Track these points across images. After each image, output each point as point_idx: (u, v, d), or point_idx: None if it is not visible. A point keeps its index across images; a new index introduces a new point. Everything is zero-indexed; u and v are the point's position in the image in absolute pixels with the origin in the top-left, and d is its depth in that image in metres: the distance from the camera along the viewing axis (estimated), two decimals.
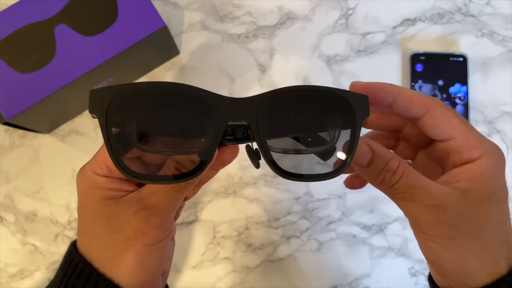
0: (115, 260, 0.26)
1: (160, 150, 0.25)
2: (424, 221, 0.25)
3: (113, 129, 0.22)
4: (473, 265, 0.25)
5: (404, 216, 0.27)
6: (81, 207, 0.27)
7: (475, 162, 0.25)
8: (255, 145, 0.24)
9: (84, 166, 0.27)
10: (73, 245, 0.27)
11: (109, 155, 0.22)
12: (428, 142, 0.30)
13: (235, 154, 0.27)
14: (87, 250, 0.27)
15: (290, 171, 0.23)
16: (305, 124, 0.26)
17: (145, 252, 0.26)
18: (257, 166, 0.25)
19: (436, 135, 0.27)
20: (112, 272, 0.26)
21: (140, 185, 0.27)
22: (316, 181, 0.24)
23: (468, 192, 0.25)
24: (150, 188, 0.26)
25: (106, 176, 0.26)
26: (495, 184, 0.25)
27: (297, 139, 0.26)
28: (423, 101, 0.26)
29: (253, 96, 0.23)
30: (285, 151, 0.25)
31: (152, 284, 0.28)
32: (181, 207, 0.33)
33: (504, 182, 0.26)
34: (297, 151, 0.26)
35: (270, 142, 0.24)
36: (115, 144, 0.22)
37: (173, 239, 0.31)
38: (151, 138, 0.25)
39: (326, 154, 0.26)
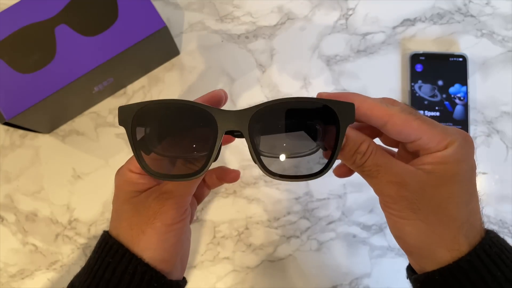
0: (137, 237, 0.30)
1: (172, 154, 0.31)
2: (388, 195, 0.28)
3: (137, 137, 0.28)
4: (432, 240, 0.27)
5: None
6: (115, 197, 0.33)
7: (443, 150, 0.28)
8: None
9: (122, 166, 0.33)
10: (106, 232, 0.32)
11: (135, 156, 0.28)
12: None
13: (237, 178, 0.37)
14: (116, 232, 0.31)
15: (277, 172, 0.27)
16: (294, 131, 0.30)
17: (164, 230, 0.30)
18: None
19: (402, 139, 0.29)
20: (135, 248, 0.30)
21: None
22: (298, 180, 0.29)
23: (431, 173, 0.27)
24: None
25: (139, 173, 0.31)
26: (459, 166, 0.27)
27: (288, 144, 0.30)
28: (382, 111, 0.28)
29: (246, 108, 0.27)
30: (276, 156, 0.29)
31: (170, 264, 0.32)
32: (206, 194, 0.39)
33: (471, 166, 0.28)
34: (288, 156, 0.30)
35: (263, 147, 0.29)
36: (139, 149, 0.28)
37: (188, 239, 0.36)
38: (166, 144, 0.31)
39: (313, 157, 0.30)
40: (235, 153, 0.54)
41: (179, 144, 0.31)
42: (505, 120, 0.54)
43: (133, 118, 0.27)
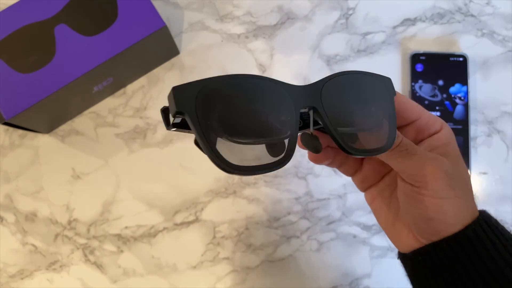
0: None
1: (245, 141, 0.26)
2: (427, 173, 0.27)
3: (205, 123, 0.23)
4: (465, 214, 0.28)
5: None
6: None
7: (441, 132, 0.29)
8: (322, 120, 0.26)
9: None
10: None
11: (207, 151, 0.22)
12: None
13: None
14: None
15: (356, 147, 0.26)
16: (359, 106, 0.29)
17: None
18: (317, 150, 0.27)
19: (407, 118, 0.30)
20: None
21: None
22: (378, 154, 0.27)
23: (446, 154, 0.28)
24: None
25: None
26: (456, 145, 0.30)
27: (355, 119, 0.29)
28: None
29: (315, 81, 0.27)
30: (347, 130, 0.28)
31: None
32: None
33: None
34: (357, 129, 0.29)
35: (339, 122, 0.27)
36: (209, 137, 0.22)
37: None
38: (235, 129, 0.25)
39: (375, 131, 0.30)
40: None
41: (252, 128, 0.26)
42: (506, 120, 0.54)
43: (196, 99, 0.22)
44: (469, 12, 0.56)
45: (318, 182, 0.53)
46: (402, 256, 0.32)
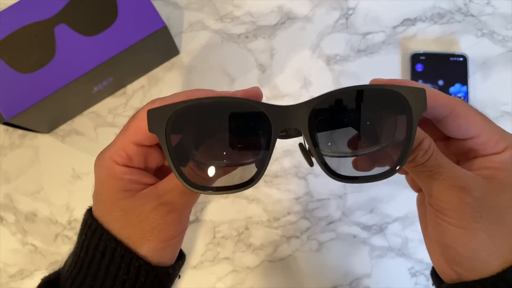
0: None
1: (215, 162, 0.26)
2: (447, 201, 0.25)
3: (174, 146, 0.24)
4: (490, 251, 0.25)
5: (404, 216, 0.27)
6: (97, 195, 0.27)
7: (501, 154, 0.25)
8: (307, 145, 0.25)
9: (102, 153, 0.27)
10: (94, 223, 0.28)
11: (173, 171, 0.23)
12: (444, 137, 0.29)
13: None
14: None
15: (343, 174, 0.24)
16: (358, 125, 0.26)
17: (160, 247, 0.26)
18: (310, 164, 0.26)
19: (459, 134, 0.26)
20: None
21: (160, 178, 0.28)
22: (371, 181, 0.24)
23: (491, 179, 0.25)
24: (167, 184, 0.26)
25: (125, 166, 0.26)
26: None
27: (351, 140, 0.27)
28: (446, 100, 0.25)
29: (303, 102, 0.24)
30: (339, 155, 0.26)
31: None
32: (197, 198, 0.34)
33: None
34: (352, 154, 0.26)
35: (323, 146, 0.25)
36: (176, 159, 0.23)
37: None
38: (207, 151, 0.26)
39: (382, 154, 0.26)
40: None
41: (223, 150, 0.26)
42: (506, 120, 0.54)
43: (167, 122, 0.23)
44: (469, 12, 0.56)
45: (318, 182, 0.53)
46: (435, 281, 0.30)
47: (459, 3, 0.56)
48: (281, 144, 0.53)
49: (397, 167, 0.24)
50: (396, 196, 0.52)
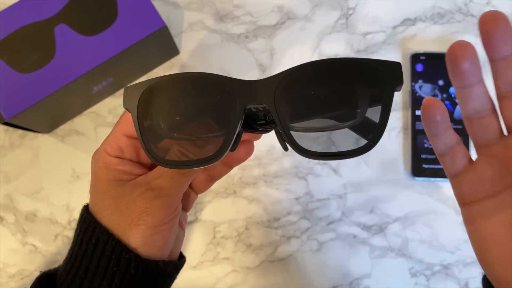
0: (119, 240, 0.26)
1: (183, 137, 0.27)
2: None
3: (144, 121, 0.25)
4: None
5: (404, 216, 0.26)
6: (92, 187, 0.28)
7: None
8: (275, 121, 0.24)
9: (98, 148, 0.28)
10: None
11: (141, 143, 0.24)
12: None
13: (249, 152, 0.29)
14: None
15: (314, 150, 0.23)
16: (330, 100, 0.25)
17: (149, 234, 0.27)
18: (285, 148, 0.25)
19: None
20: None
21: (151, 169, 0.28)
22: (344, 158, 0.23)
23: None
24: (156, 172, 0.27)
25: (118, 157, 0.27)
26: None
27: (324, 116, 0.26)
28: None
29: (270, 76, 0.23)
30: (310, 130, 0.25)
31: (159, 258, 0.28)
32: (192, 200, 0.33)
33: None
34: (324, 128, 0.25)
35: (293, 122, 0.24)
36: (145, 134, 0.24)
37: (182, 228, 0.32)
38: (175, 126, 0.26)
39: (357, 128, 0.25)
40: None
41: (192, 126, 0.26)
42: None
43: (139, 98, 0.24)
44: (469, 12, 0.56)
45: (318, 182, 0.53)
46: None
47: (459, 3, 0.56)
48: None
49: (376, 140, 0.22)
50: (396, 196, 0.52)
